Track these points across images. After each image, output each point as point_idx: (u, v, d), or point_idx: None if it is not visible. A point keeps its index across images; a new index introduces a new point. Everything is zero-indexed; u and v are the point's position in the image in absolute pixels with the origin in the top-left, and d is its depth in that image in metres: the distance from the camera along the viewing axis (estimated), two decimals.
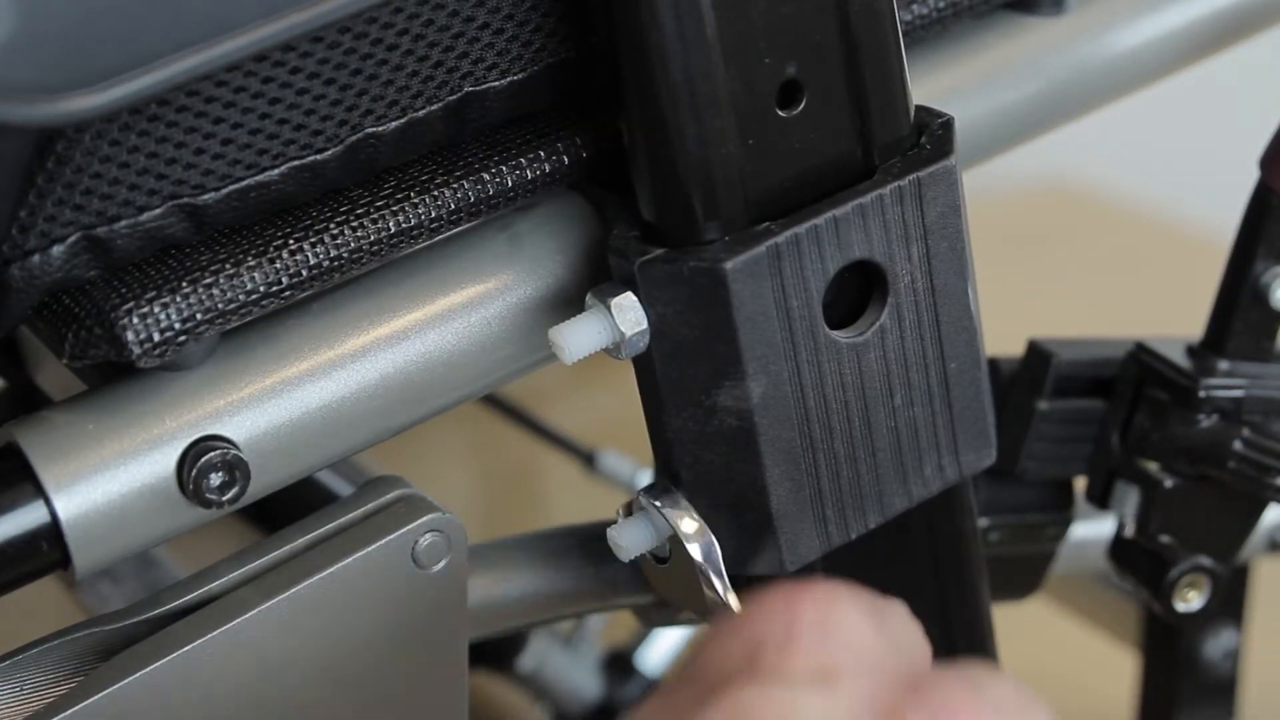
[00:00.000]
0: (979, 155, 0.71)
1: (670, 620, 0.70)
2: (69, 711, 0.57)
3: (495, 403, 1.12)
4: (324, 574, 0.60)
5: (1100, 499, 0.75)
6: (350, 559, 0.60)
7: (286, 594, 0.59)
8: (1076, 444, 0.75)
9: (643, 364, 0.60)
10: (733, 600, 0.60)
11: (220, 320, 0.57)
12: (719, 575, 0.61)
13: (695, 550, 0.60)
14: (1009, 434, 0.74)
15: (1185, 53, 0.75)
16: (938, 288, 0.60)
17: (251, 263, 0.57)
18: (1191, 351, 0.73)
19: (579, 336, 0.58)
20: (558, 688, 1.12)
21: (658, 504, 0.61)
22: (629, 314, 0.58)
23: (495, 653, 1.10)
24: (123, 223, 0.56)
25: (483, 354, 0.61)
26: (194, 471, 0.57)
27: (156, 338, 0.56)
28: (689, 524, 0.60)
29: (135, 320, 0.55)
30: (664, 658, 1.17)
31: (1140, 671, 0.97)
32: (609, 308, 0.58)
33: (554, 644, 1.12)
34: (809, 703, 0.46)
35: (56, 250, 0.55)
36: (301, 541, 0.61)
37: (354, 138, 0.58)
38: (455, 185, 0.60)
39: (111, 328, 0.55)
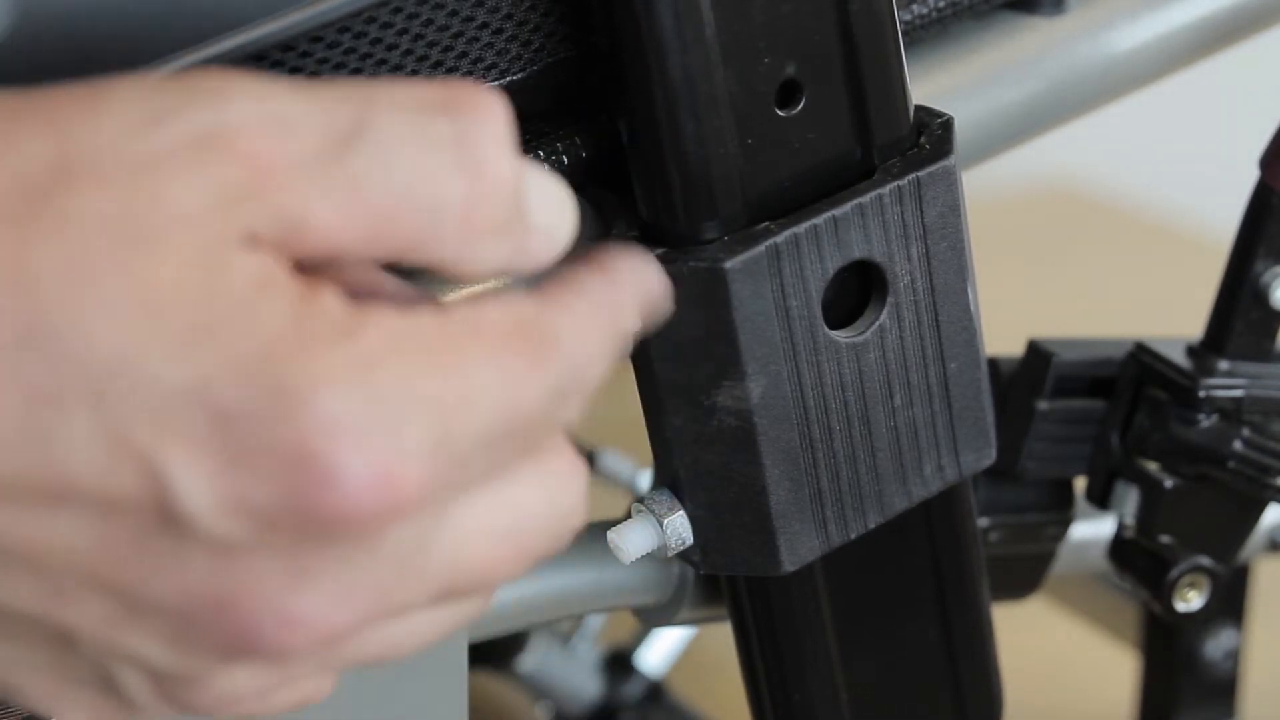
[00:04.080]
0: (979, 155, 0.71)
1: (670, 620, 0.70)
2: None
3: None
4: None
5: (1100, 499, 0.75)
6: None
7: None
8: (1076, 444, 0.75)
9: (641, 364, 0.60)
10: None
11: None
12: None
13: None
14: (1009, 434, 0.74)
15: (1185, 53, 0.75)
16: (937, 287, 0.60)
17: None
18: (1191, 351, 0.73)
19: None
20: (558, 688, 1.12)
21: (656, 506, 0.61)
22: None
23: (495, 653, 1.10)
24: None
25: None
26: None
27: None
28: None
29: None
30: (664, 658, 1.17)
31: (1140, 671, 0.97)
32: None
33: (554, 644, 1.12)
34: None
35: None
36: None
37: None
38: None
39: None
